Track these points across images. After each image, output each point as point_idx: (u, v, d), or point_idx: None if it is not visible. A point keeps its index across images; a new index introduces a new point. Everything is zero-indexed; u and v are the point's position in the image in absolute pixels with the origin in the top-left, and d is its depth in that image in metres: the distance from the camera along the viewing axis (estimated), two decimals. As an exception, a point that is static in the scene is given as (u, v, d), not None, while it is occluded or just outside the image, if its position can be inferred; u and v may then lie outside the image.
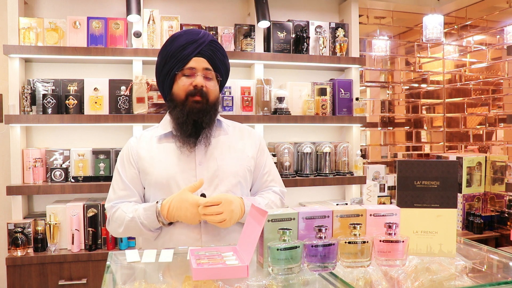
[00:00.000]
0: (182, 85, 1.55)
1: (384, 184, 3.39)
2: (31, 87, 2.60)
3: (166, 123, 1.64)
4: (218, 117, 1.66)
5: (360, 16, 3.43)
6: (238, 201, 1.48)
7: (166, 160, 1.56)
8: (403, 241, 1.14)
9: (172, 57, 1.55)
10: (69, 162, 2.69)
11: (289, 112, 2.93)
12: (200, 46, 1.54)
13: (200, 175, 1.55)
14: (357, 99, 3.07)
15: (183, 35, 1.56)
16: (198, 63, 1.54)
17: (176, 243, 1.50)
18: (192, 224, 1.50)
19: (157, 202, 1.50)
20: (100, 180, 2.65)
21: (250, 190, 1.69)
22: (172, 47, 1.55)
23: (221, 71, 1.62)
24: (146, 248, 1.59)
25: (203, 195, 1.52)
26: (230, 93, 2.82)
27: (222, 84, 1.66)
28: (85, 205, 2.60)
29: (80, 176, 2.62)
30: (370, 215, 1.22)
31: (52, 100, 2.58)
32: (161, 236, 1.56)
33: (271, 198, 1.64)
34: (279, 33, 2.98)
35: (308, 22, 3.06)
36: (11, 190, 2.51)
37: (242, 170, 1.60)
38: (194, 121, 1.54)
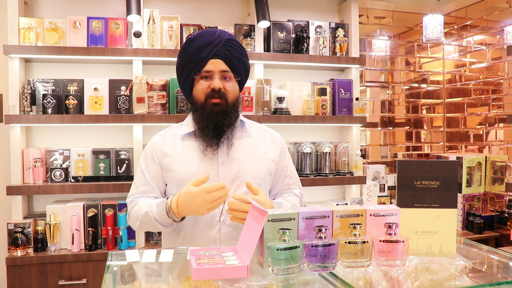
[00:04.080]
0: (200, 88, 1.58)
1: (384, 184, 3.39)
2: (31, 87, 2.60)
3: (189, 122, 1.67)
4: (241, 117, 1.68)
5: (360, 16, 3.43)
6: (269, 204, 1.50)
7: (189, 159, 1.59)
8: (403, 241, 1.14)
9: (189, 61, 1.57)
10: (69, 162, 2.69)
11: (289, 112, 2.93)
12: (216, 47, 1.55)
13: (222, 175, 1.58)
14: (357, 99, 3.07)
15: (199, 37, 1.57)
16: (215, 65, 1.55)
17: (196, 242, 1.53)
18: (211, 220, 1.53)
19: (167, 198, 1.52)
20: (100, 180, 2.65)
21: (270, 192, 1.72)
22: (189, 51, 1.57)
23: (239, 71, 1.61)
24: (167, 245, 1.65)
25: None
26: (230, 93, 2.82)
27: (241, 83, 1.67)
28: (85, 205, 2.60)
29: (80, 176, 2.62)
30: (370, 215, 1.22)
31: (52, 100, 2.58)
32: (180, 234, 1.59)
33: (293, 201, 1.67)
34: (279, 33, 2.98)
35: (308, 22, 3.06)
36: (11, 190, 2.51)
37: (263, 173, 1.63)
38: (215, 124, 1.56)
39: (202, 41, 1.55)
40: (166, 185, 1.65)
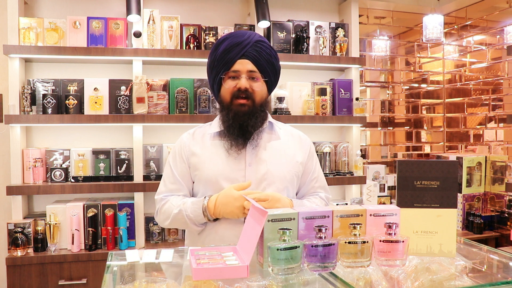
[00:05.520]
0: (227, 87, 1.59)
1: (384, 184, 3.39)
2: (31, 87, 2.60)
3: (217, 123, 1.67)
4: (270, 119, 1.69)
5: (360, 16, 3.43)
6: (287, 201, 1.53)
7: (217, 158, 1.60)
8: (403, 241, 1.14)
9: (218, 61, 1.58)
10: (69, 162, 2.69)
11: (289, 112, 2.93)
12: (245, 48, 1.55)
13: (249, 176, 1.58)
14: (357, 99, 3.07)
15: (229, 38, 1.59)
16: (243, 65, 1.56)
17: (221, 238, 1.54)
18: (237, 219, 1.53)
19: (204, 198, 1.54)
20: (100, 180, 2.65)
21: (296, 194, 1.73)
22: (218, 51, 1.58)
23: (268, 71, 1.61)
24: (191, 242, 1.66)
25: None
26: (230, 93, 2.82)
27: (270, 84, 1.67)
28: (85, 205, 2.61)
29: (80, 176, 2.62)
30: (370, 215, 1.22)
31: (52, 100, 2.58)
32: (206, 231, 1.60)
33: (317, 203, 1.69)
34: (279, 33, 2.98)
35: (308, 22, 3.06)
36: (11, 190, 2.51)
37: (290, 176, 1.63)
38: (240, 125, 1.57)
39: (231, 42, 1.57)
40: (194, 182, 1.66)
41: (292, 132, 1.76)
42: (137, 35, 2.69)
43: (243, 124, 1.57)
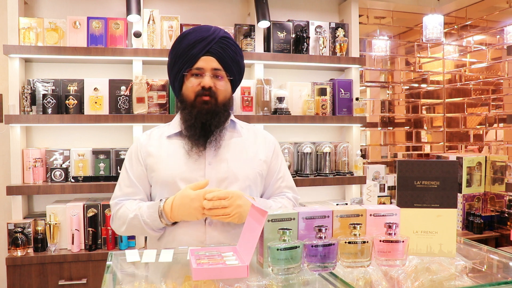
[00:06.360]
0: (190, 85, 1.52)
1: (384, 184, 3.39)
2: (31, 87, 2.60)
3: (176, 123, 1.61)
4: (233, 118, 1.63)
5: (360, 16, 3.43)
6: (248, 198, 1.46)
7: (175, 159, 1.53)
8: (403, 241, 1.14)
9: (180, 57, 1.51)
10: (69, 162, 2.69)
11: (289, 112, 2.93)
12: (209, 44, 1.49)
13: (209, 176, 1.51)
14: (357, 99, 3.07)
15: (192, 32, 1.51)
16: (207, 62, 1.50)
17: (179, 244, 1.46)
18: (197, 221, 1.46)
19: (160, 200, 1.47)
20: (100, 180, 2.65)
21: (262, 196, 1.65)
22: (181, 46, 1.51)
23: (232, 70, 1.55)
24: (150, 248, 1.58)
25: None
26: (230, 93, 2.82)
27: (234, 83, 1.61)
28: (85, 205, 2.61)
29: (80, 176, 2.62)
30: (370, 215, 1.22)
31: (52, 100, 2.58)
32: (164, 236, 1.53)
33: (284, 203, 1.61)
34: (279, 33, 2.98)
35: (308, 22, 3.06)
36: (11, 190, 2.51)
37: (253, 174, 1.56)
38: (202, 124, 1.50)
39: (195, 36, 1.49)
40: (151, 186, 1.58)
41: (255, 131, 1.68)
42: (137, 35, 2.69)
43: (205, 123, 1.50)
